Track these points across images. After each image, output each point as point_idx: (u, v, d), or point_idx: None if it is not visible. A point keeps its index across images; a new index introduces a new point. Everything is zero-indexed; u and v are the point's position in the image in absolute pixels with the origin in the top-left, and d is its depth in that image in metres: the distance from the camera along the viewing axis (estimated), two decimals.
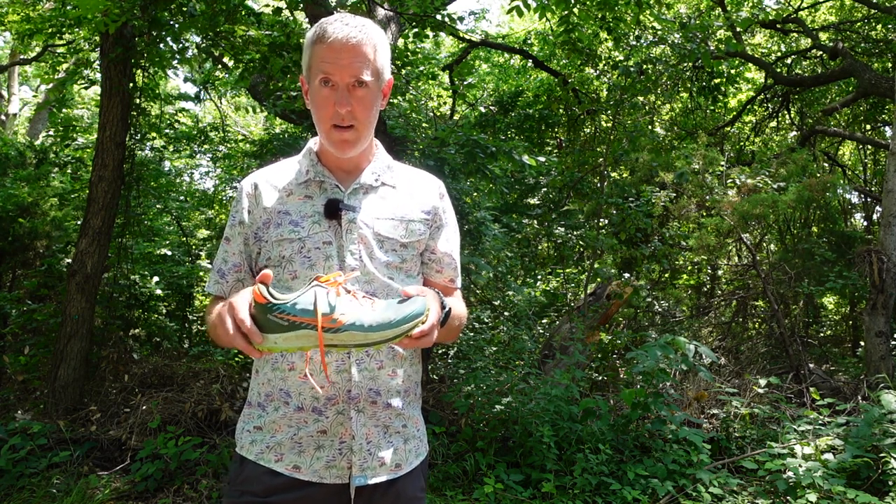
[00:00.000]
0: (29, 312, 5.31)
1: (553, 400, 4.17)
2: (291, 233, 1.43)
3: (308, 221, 1.44)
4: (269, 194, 1.48)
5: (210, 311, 1.49)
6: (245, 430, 1.50)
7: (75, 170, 7.19)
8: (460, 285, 1.65)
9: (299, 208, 1.46)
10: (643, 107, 8.57)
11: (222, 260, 1.52)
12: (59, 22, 6.04)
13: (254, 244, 1.48)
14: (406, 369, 1.51)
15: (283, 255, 1.43)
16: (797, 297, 6.97)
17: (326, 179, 1.48)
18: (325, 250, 1.42)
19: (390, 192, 1.53)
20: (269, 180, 1.50)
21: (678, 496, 3.63)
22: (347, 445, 1.41)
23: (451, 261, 1.59)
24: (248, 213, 1.48)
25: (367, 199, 1.49)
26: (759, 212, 5.76)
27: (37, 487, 3.66)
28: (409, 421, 1.51)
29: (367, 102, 1.41)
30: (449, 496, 3.69)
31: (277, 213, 1.46)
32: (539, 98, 8.78)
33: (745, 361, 6.26)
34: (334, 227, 1.44)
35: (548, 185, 7.82)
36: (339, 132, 1.41)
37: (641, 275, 7.52)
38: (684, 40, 6.55)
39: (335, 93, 1.39)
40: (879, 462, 3.66)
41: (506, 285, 6.93)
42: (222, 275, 1.51)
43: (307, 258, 1.42)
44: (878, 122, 9.28)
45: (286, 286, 1.43)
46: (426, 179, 1.61)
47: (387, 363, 1.45)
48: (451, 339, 1.57)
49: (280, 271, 1.44)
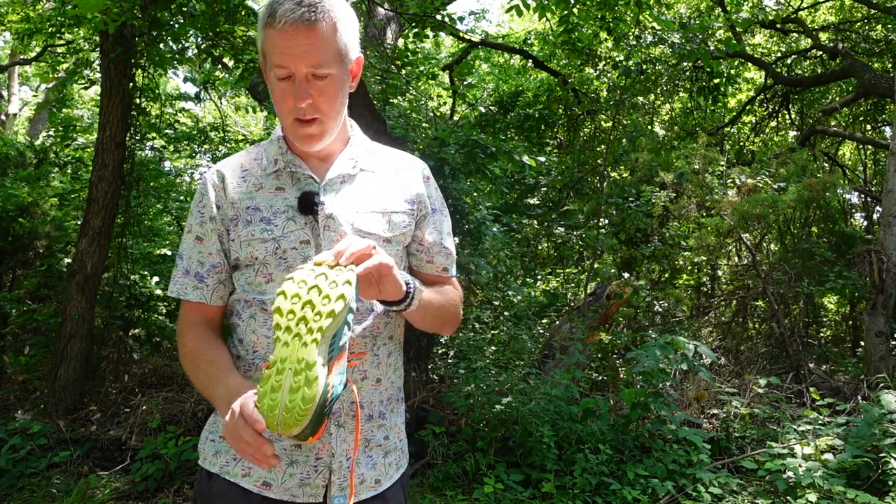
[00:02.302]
0: (29, 312, 5.31)
1: (553, 400, 4.17)
2: (264, 232, 1.29)
3: (281, 218, 1.30)
4: (237, 187, 1.33)
5: (188, 331, 1.35)
6: (209, 439, 1.37)
7: (75, 170, 7.19)
8: (455, 273, 1.49)
9: (270, 203, 1.31)
10: (643, 107, 8.57)
11: (198, 262, 1.35)
12: (59, 22, 6.04)
13: (229, 242, 1.33)
14: (390, 376, 1.40)
15: (254, 256, 1.29)
16: (797, 297, 6.96)
17: (298, 169, 1.33)
18: (302, 251, 1.29)
19: (370, 179, 1.38)
20: (235, 171, 1.36)
21: (678, 496, 3.63)
22: (324, 462, 1.29)
23: (442, 249, 1.44)
24: (217, 207, 1.33)
25: (344, 190, 1.34)
26: (759, 212, 5.76)
27: (37, 487, 3.66)
28: (391, 432, 1.40)
29: (331, 92, 1.26)
30: (449, 496, 3.69)
31: (246, 209, 1.31)
32: (539, 98, 8.78)
33: (745, 361, 6.26)
34: (311, 224, 1.30)
35: (548, 185, 7.82)
36: (301, 126, 1.27)
37: (641, 275, 7.52)
38: (684, 40, 6.55)
39: (293, 85, 1.24)
40: (879, 462, 3.66)
41: (506, 285, 6.93)
42: (201, 279, 1.35)
43: (283, 260, 1.29)
44: (878, 122, 9.28)
45: (259, 290, 1.31)
46: (408, 163, 1.45)
47: (371, 372, 1.34)
48: (442, 329, 1.44)
49: (251, 273, 1.31)
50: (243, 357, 1.33)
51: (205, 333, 1.34)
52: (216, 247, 1.34)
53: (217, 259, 1.35)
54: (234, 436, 1.07)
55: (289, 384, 1.03)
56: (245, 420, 1.06)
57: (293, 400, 1.03)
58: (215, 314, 1.38)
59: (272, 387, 1.04)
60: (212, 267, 1.35)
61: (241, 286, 1.34)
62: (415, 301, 1.26)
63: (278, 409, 1.03)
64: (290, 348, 1.05)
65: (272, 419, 1.03)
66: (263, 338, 1.31)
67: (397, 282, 1.19)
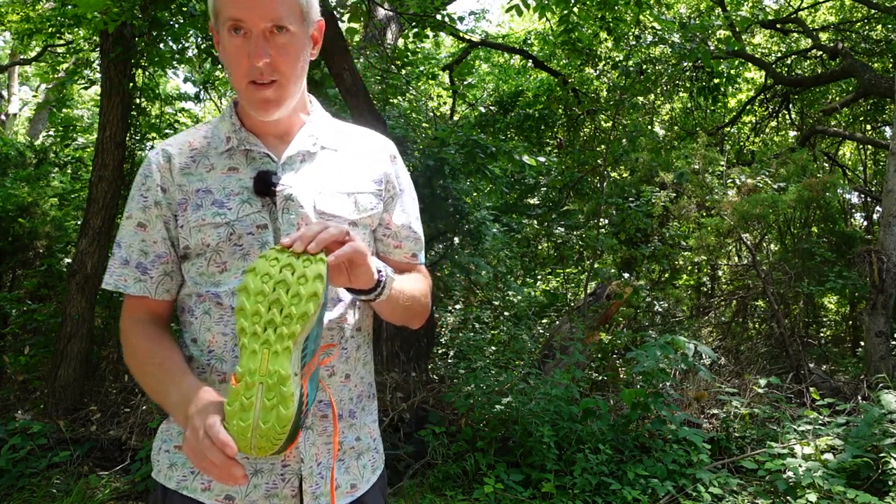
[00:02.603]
0: (29, 312, 5.31)
1: (553, 400, 4.17)
2: (216, 216, 1.17)
3: (236, 201, 1.18)
4: (185, 167, 1.21)
5: (132, 329, 1.22)
6: (162, 449, 1.24)
7: (75, 170, 7.19)
8: (423, 260, 1.39)
9: (223, 184, 1.19)
10: (643, 107, 8.57)
11: (140, 251, 1.21)
12: (59, 22, 6.04)
13: (176, 229, 1.20)
14: (360, 371, 1.29)
15: (206, 243, 1.17)
16: (797, 297, 6.96)
17: (254, 147, 1.21)
18: (259, 236, 1.17)
19: (332, 157, 1.26)
20: (183, 150, 1.23)
21: (678, 496, 3.63)
22: (292, 470, 1.18)
23: (411, 233, 1.33)
24: (163, 190, 1.20)
25: (305, 169, 1.22)
26: (759, 212, 5.76)
27: (37, 487, 3.66)
28: (362, 432, 1.29)
29: (291, 51, 1.14)
30: (449, 496, 3.69)
31: (196, 192, 1.19)
32: (539, 98, 8.78)
33: (744, 361, 6.26)
34: (268, 207, 1.18)
35: (548, 185, 7.82)
36: (258, 90, 1.14)
37: (641, 275, 7.52)
38: (684, 40, 6.55)
39: (248, 42, 1.12)
40: (879, 462, 3.66)
41: (506, 285, 6.94)
42: (144, 270, 1.21)
43: (238, 247, 1.17)
44: (878, 122, 9.28)
45: (213, 281, 1.18)
46: (375, 140, 1.34)
47: (339, 367, 1.23)
48: (410, 322, 1.33)
49: (203, 263, 1.19)
50: (197, 358, 1.20)
51: (152, 331, 1.21)
52: (161, 234, 1.21)
53: (162, 248, 1.21)
54: (198, 455, 0.96)
55: (261, 402, 0.93)
56: (212, 441, 0.95)
57: (267, 421, 0.93)
58: (162, 310, 1.25)
59: (242, 405, 0.93)
60: (157, 257, 1.21)
61: (192, 278, 1.21)
62: (386, 290, 1.15)
63: (251, 433, 0.93)
64: (259, 358, 0.94)
65: (244, 442, 0.93)
66: (220, 336, 1.19)
67: (370, 270, 1.09)
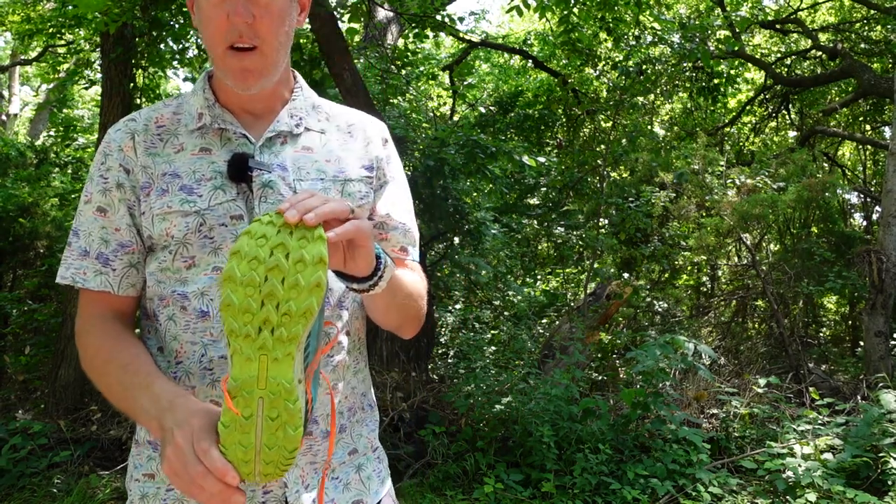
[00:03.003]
0: (30, 312, 5.32)
1: (553, 400, 4.17)
2: (184, 203, 1.02)
3: (207, 187, 1.03)
4: (150, 147, 1.06)
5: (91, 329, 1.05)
6: (133, 478, 1.10)
7: (75, 170, 7.20)
8: (417, 257, 1.22)
9: (193, 167, 1.04)
10: (643, 107, 8.58)
11: (101, 240, 1.06)
12: (60, 22, 6.05)
13: (141, 216, 1.06)
14: (350, 380, 1.13)
15: (171, 234, 1.02)
16: (797, 297, 6.97)
17: (229, 126, 1.07)
18: (233, 228, 1.03)
19: (317, 140, 1.12)
20: (149, 127, 1.08)
21: (678, 496, 3.63)
22: (275, 496, 1.04)
23: (399, 224, 1.17)
24: (126, 171, 1.06)
25: (286, 153, 1.08)
26: (759, 212, 5.76)
27: (37, 487, 3.67)
28: (358, 443, 1.15)
29: (275, 14, 1.01)
30: (449, 496, 3.69)
31: (162, 176, 1.04)
32: (539, 98, 8.79)
33: (744, 361, 6.27)
34: (244, 194, 1.04)
35: (548, 185, 7.83)
36: (237, 57, 1.00)
37: (641, 275, 7.53)
38: (684, 40, 6.56)
39: (227, 2, 0.99)
40: (879, 462, 3.66)
41: (506, 285, 6.95)
42: (105, 261, 1.06)
43: (209, 239, 1.02)
44: (877, 122, 9.29)
45: (178, 279, 1.03)
46: (366, 122, 1.19)
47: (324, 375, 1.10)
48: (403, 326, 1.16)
49: (167, 258, 1.04)
50: (164, 370, 1.04)
51: (113, 329, 1.05)
52: (125, 221, 1.06)
53: (126, 236, 1.06)
54: (184, 480, 0.81)
55: (263, 422, 0.79)
56: (206, 469, 0.80)
57: (273, 444, 0.79)
58: (126, 307, 1.09)
59: (241, 426, 0.79)
60: (120, 246, 1.06)
61: (154, 276, 1.06)
62: (384, 278, 0.97)
63: (254, 460, 0.79)
64: (257, 366, 0.79)
65: (246, 468, 0.80)
66: (188, 345, 1.03)
67: (371, 252, 0.92)
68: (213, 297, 1.02)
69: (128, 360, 1.00)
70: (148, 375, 0.96)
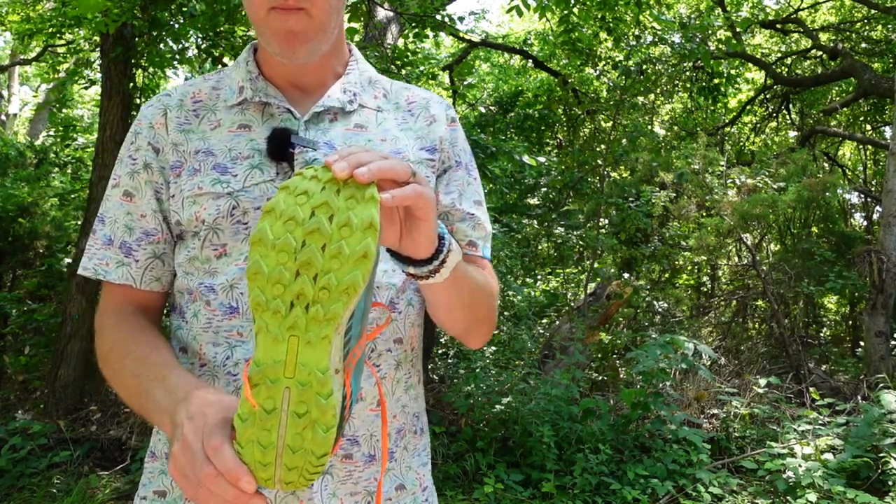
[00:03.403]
0: (29, 312, 5.31)
1: (553, 400, 4.17)
2: (216, 184, 0.90)
3: (243, 166, 0.91)
4: (184, 123, 0.96)
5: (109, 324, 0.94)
6: (140, 496, 0.98)
7: (75, 170, 7.20)
8: (488, 255, 1.04)
9: (230, 145, 0.93)
10: (643, 107, 8.57)
11: (125, 227, 0.95)
12: (59, 22, 6.05)
13: (168, 200, 0.95)
14: (400, 397, 0.97)
15: (201, 218, 0.90)
16: (797, 297, 6.97)
17: (272, 99, 0.94)
18: None
19: (373, 118, 0.98)
20: (184, 103, 0.97)
21: (678, 496, 3.63)
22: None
23: (467, 215, 1.01)
24: (156, 151, 0.95)
25: (335, 130, 0.95)
26: (759, 212, 5.76)
27: (37, 487, 3.66)
28: (406, 477, 0.98)
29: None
30: (449, 496, 3.69)
31: (195, 154, 0.93)
32: (539, 98, 8.79)
33: (744, 361, 6.26)
34: (285, 175, 0.92)
35: (548, 185, 7.82)
36: (281, 17, 0.87)
37: (641, 275, 7.53)
38: (684, 40, 6.56)
39: None
40: (879, 462, 3.66)
41: (506, 285, 6.93)
42: (128, 251, 0.95)
43: (242, 225, 0.90)
44: (878, 122, 9.29)
45: (207, 269, 0.92)
46: (429, 99, 1.05)
47: (367, 390, 0.92)
48: (472, 329, 0.97)
49: (196, 245, 0.92)
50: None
51: (133, 323, 0.94)
52: (151, 206, 0.95)
53: (152, 223, 0.95)
54: (192, 482, 0.68)
55: (289, 418, 0.65)
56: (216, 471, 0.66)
57: (299, 446, 0.65)
58: (152, 302, 0.98)
59: (261, 421, 0.65)
60: (144, 235, 0.95)
61: (183, 267, 0.95)
62: (448, 265, 0.79)
63: (275, 461, 0.65)
64: (286, 349, 0.65)
65: (264, 473, 0.66)
66: (210, 347, 0.91)
67: (433, 229, 0.76)
68: (243, 290, 0.90)
69: (145, 352, 0.88)
70: (165, 366, 0.85)
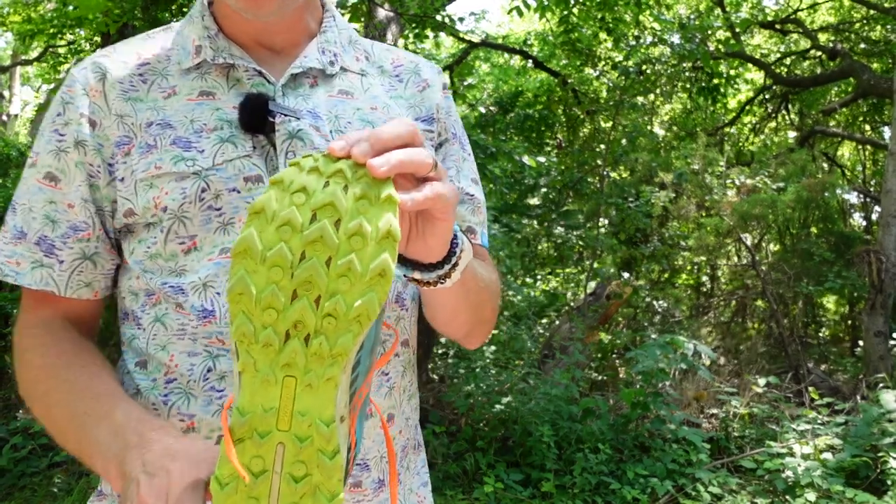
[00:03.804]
0: None
1: (553, 399, 4.18)
2: (178, 161, 0.73)
3: (210, 140, 0.74)
4: (130, 90, 0.77)
5: (30, 339, 0.78)
6: None
7: None
8: (486, 242, 0.91)
9: (191, 115, 0.76)
10: (642, 107, 8.59)
11: (45, 219, 0.76)
12: (60, 22, 6.06)
13: (108, 186, 0.76)
14: (404, 409, 0.84)
15: (162, 205, 0.73)
16: (796, 297, 6.98)
17: (238, 61, 0.77)
18: (248, 194, 0.74)
19: (358, 83, 0.83)
20: (127, 64, 0.79)
21: (677, 495, 3.64)
22: None
23: (466, 197, 0.88)
24: (92, 124, 0.76)
25: (318, 97, 0.79)
26: (759, 212, 5.78)
27: (38, 486, 3.68)
28: (408, 499, 0.85)
29: None
30: (449, 495, 3.70)
31: (147, 127, 0.75)
32: (539, 98, 8.80)
33: (744, 361, 6.28)
34: (263, 149, 0.75)
35: (548, 186, 7.83)
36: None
37: (641, 275, 7.54)
38: (684, 40, 6.57)
39: None
40: (878, 461, 3.67)
41: (506, 285, 6.94)
42: (50, 249, 0.77)
43: (215, 211, 0.73)
44: (877, 122, 9.30)
45: (172, 267, 0.74)
46: (418, 63, 0.90)
47: (379, 403, 0.80)
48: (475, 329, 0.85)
49: (158, 239, 0.74)
50: (146, 393, 0.76)
51: (63, 339, 0.78)
52: (81, 195, 0.76)
53: (82, 216, 0.76)
54: None
55: (283, 482, 0.50)
56: None
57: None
58: (83, 312, 0.82)
59: (247, 492, 0.50)
60: (71, 230, 0.77)
61: (140, 264, 0.76)
62: (459, 267, 0.66)
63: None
64: (279, 394, 0.50)
65: None
66: (184, 358, 0.74)
67: (449, 232, 0.63)
68: (221, 289, 0.73)
69: (83, 381, 0.72)
70: (111, 398, 0.69)
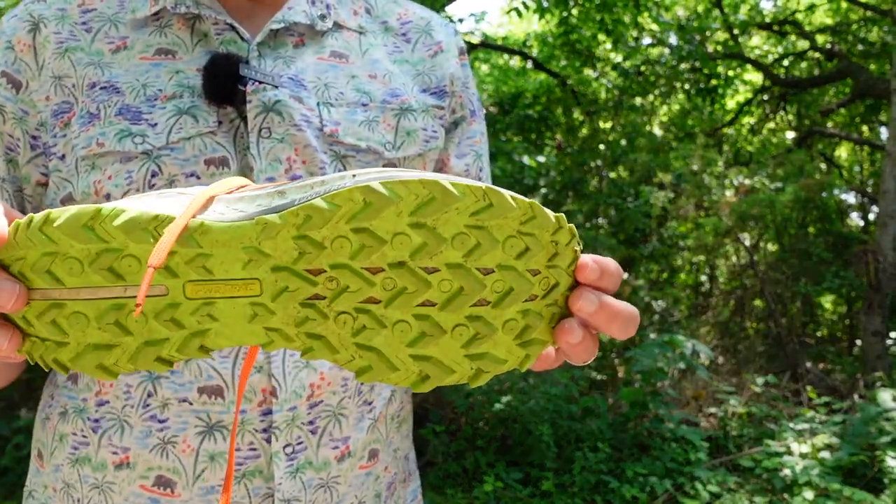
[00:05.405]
0: None
1: (552, 399, 4.20)
2: (125, 137, 0.59)
3: (166, 110, 0.60)
4: (68, 41, 0.63)
5: None
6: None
7: None
8: None
9: (143, 78, 0.61)
10: (641, 108, 8.61)
11: None
12: None
13: (29, 164, 0.63)
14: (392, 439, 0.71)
15: (103, 191, 0.60)
16: (794, 297, 7.00)
17: (206, 11, 0.63)
18: (210, 180, 0.60)
19: (355, 43, 0.68)
20: (68, 12, 0.64)
21: (676, 494, 3.66)
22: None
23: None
24: (17, 86, 0.62)
25: (304, 59, 0.65)
26: (757, 212, 5.80)
27: None
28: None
29: None
30: (449, 494, 3.72)
31: (90, 90, 0.61)
32: (538, 99, 8.82)
33: (742, 360, 6.30)
34: (230, 125, 0.61)
35: (547, 186, 7.86)
36: None
37: (640, 275, 7.56)
38: (682, 41, 6.59)
39: None
40: (875, 460, 3.70)
41: None
42: None
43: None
44: (874, 123, 9.34)
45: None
46: (431, 21, 0.74)
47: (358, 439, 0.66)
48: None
49: None
50: (72, 415, 0.66)
51: None
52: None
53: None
54: None
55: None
56: None
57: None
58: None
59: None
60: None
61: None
62: None
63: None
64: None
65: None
66: (120, 376, 0.61)
67: None
68: None
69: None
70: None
